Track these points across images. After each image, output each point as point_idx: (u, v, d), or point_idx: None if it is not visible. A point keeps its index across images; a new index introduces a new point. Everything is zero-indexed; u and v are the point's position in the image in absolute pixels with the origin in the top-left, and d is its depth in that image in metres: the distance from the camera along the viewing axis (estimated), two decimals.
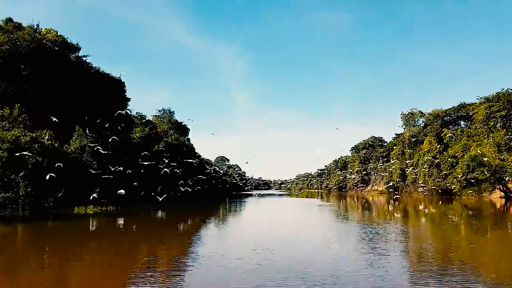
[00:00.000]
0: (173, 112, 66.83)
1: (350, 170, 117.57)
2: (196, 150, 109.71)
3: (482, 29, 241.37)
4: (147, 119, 57.91)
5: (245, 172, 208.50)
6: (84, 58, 43.86)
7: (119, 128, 43.08)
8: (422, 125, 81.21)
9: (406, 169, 79.05)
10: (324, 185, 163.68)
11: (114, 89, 44.80)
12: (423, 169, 67.82)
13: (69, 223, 25.22)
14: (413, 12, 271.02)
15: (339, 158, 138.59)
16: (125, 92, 46.87)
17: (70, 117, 35.59)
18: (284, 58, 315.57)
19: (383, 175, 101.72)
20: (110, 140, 34.54)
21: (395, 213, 34.30)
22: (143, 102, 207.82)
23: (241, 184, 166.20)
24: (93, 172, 30.91)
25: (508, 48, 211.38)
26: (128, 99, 47.19)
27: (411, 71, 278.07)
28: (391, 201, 55.33)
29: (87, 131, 32.81)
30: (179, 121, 66.12)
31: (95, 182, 31.70)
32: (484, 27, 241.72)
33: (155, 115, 66.61)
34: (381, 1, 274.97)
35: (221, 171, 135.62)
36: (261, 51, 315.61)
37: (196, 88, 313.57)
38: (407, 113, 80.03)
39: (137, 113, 56.87)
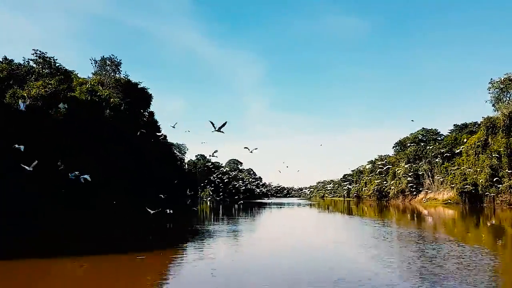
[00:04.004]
0: (119, 62, 39.15)
1: (396, 171, 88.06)
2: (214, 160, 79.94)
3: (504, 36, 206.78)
4: (58, 65, 31.53)
5: (261, 178, 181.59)
6: None
7: None
8: None
9: (501, 167, 49.68)
10: (352, 193, 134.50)
11: None
12: None
13: None
14: (431, 17, 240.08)
15: (376, 159, 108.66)
16: None
17: None
18: (300, 63, 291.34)
19: (445, 178, 72.22)
20: None
21: None
22: (158, 108, 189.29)
23: (253, 188, 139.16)
24: None
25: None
26: None
27: (429, 77, 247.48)
28: None
29: None
30: (132, 81, 39.23)
31: None
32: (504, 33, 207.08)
33: (94, 72, 39.85)
34: (398, 6, 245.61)
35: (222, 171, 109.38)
36: (276, 57, 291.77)
37: (211, 94, 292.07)
38: (502, 79, 50.57)
39: (36, 53, 30.50)
